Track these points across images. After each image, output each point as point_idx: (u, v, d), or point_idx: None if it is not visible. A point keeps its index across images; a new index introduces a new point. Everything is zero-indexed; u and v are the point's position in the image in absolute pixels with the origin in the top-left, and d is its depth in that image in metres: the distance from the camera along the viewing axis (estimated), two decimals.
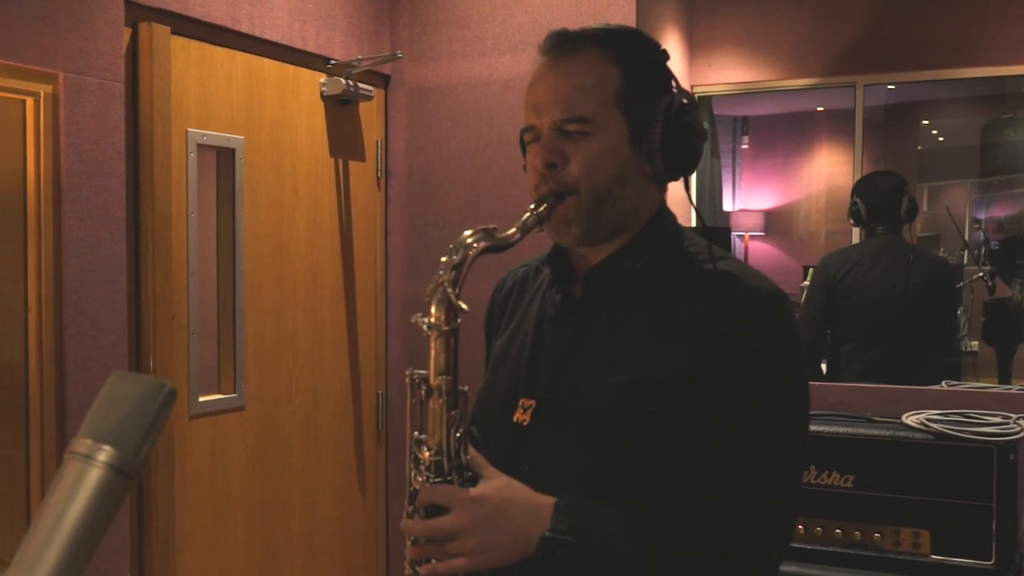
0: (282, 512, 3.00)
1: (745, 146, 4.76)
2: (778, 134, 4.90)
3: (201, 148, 2.70)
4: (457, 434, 1.24)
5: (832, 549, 2.40)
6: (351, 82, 3.11)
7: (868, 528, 2.37)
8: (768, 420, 1.28)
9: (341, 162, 3.23)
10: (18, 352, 2.29)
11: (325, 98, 3.12)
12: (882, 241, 3.31)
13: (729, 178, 4.64)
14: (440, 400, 1.24)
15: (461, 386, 1.26)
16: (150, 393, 0.83)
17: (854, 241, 3.69)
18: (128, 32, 2.48)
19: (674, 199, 1.45)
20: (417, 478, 1.26)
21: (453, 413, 1.24)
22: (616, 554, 1.22)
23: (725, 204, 4.60)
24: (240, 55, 2.82)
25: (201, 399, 2.71)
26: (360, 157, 3.31)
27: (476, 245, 1.26)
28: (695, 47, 3.86)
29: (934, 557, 2.32)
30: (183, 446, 2.65)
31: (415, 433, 1.28)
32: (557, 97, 1.33)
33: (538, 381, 1.38)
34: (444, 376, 1.24)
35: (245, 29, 2.80)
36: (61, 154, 2.30)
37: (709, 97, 3.84)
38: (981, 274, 3.58)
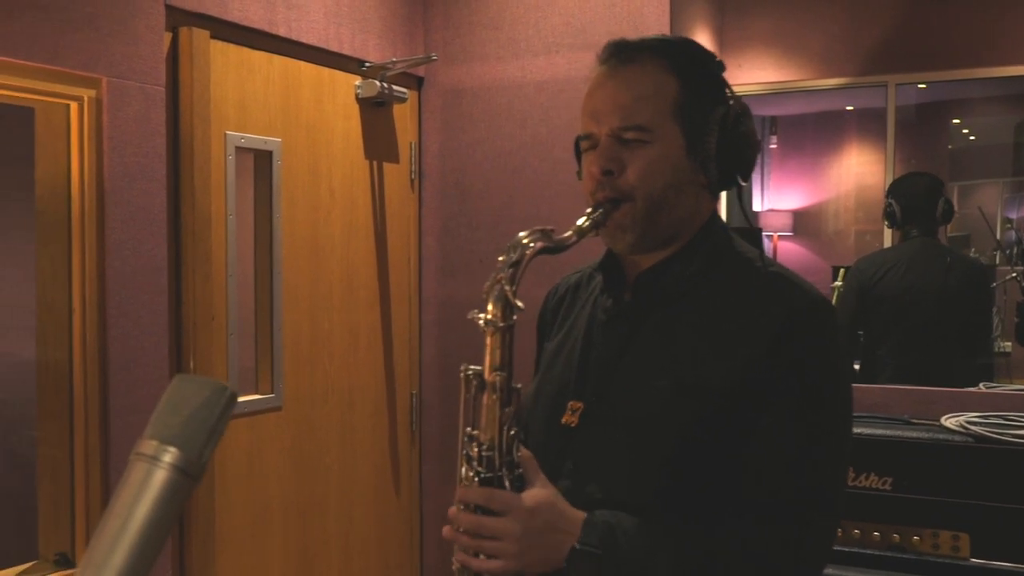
0: (318, 512, 3.03)
1: (773, 146, 4.75)
2: (807, 134, 4.89)
3: (239, 151, 2.72)
4: (511, 432, 1.26)
5: (870, 551, 2.40)
6: (385, 84, 3.13)
7: (907, 531, 2.37)
8: (812, 427, 1.28)
9: (375, 164, 3.24)
10: (63, 352, 2.32)
11: (360, 100, 3.14)
12: (917, 244, 3.30)
13: (757, 178, 4.64)
14: (494, 396, 1.26)
15: (515, 383, 1.27)
16: (212, 396, 0.84)
17: (886, 241, 3.67)
18: (168, 37, 2.50)
19: None
20: (468, 473, 1.28)
21: (507, 410, 1.26)
22: (645, 569, 1.23)
23: (754, 204, 4.59)
24: (277, 58, 2.84)
25: (239, 399, 2.74)
26: (394, 159, 3.33)
27: (533, 245, 1.27)
28: (725, 47, 3.86)
29: (974, 560, 2.31)
30: (222, 446, 2.67)
31: (467, 429, 1.29)
32: (616, 105, 1.35)
33: (587, 384, 1.40)
34: (499, 372, 1.26)
35: (282, 33, 2.82)
36: (104, 157, 2.32)
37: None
38: (1014, 275, 3.56)
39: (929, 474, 2.35)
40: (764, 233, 4.47)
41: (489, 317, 1.26)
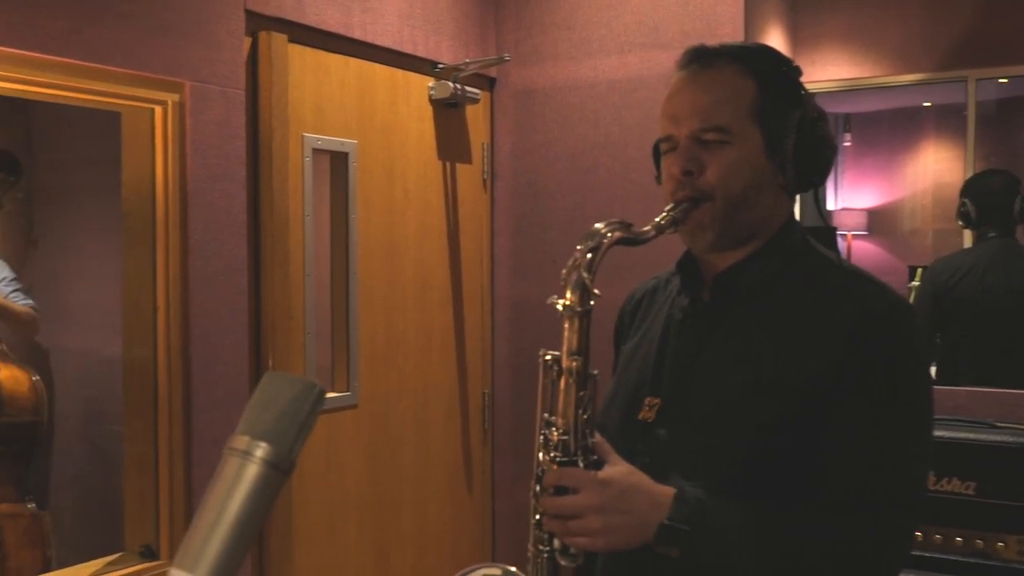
0: (393, 509, 3.06)
1: (847, 143, 4.68)
2: (882, 131, 4.81)
3: (316, 152, 2.76)
4: (584, 416, 1.28)
5: (952, 557, 2.35)
6: (458, 85, 3.15)
7: (991, 537, 2.32)
8: (891, 426, 1.28)
9: (448, 165, 3.27)
10: (147, 351, 2.38)
11: (433, 102, 3.17)
12: (995, 245, 3.21)
13: (831, 176, 4.57)
14: (570, 380, 1.28)
15: (591, 369, 1.29)
16: (302, 393, 0.86)
17: (966, 241, 3.59)
18: (248, 41, 2.55)
19: None
20: (544, 458, 1.30)
21: (582, 394, 1.28)
22: (733, 547, 1.25)
23: (828, 203, 4.53)
24: (353, 61, 2.88)
25: None
26: (467, 159, 3.35)
27: (611, 235, 1.30)
28: (799, 44, 3.81)
29: None
30: None
31: (544, 414, 1.31)
32: (695, 108, 1.37)
33: (664, 381, 1.42)
34: (576, 356, 1.28)
35: (358, 36, 2.85)
36: (187, 160, 2.38)
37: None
38: None
39: (1014, 478, 2.30)
40: (838, 232, 4.40)
41: (567, 303, 1.28)
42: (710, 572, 1.27)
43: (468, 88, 3.20)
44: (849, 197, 4.72)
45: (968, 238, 3.54)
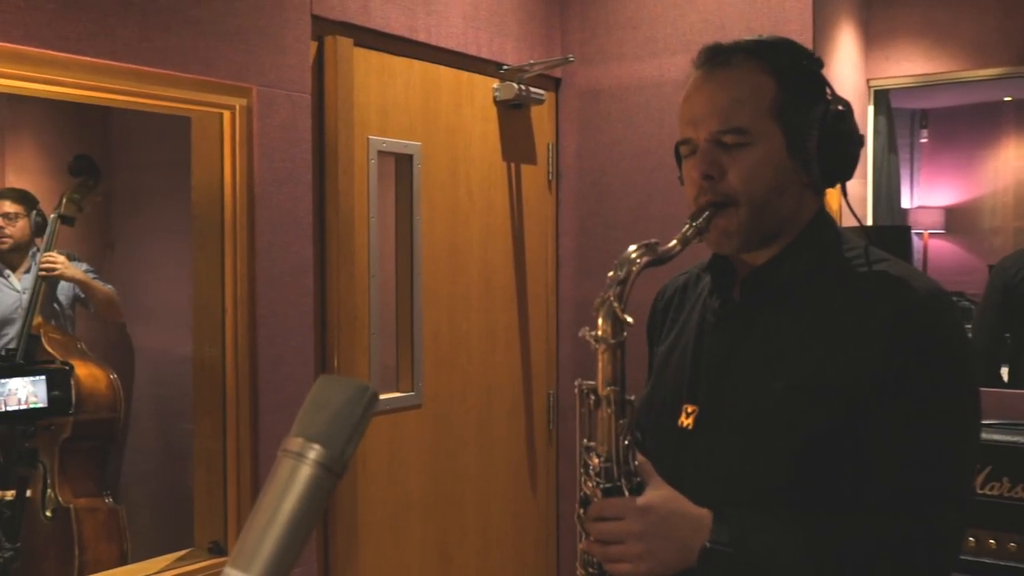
0: (456, 508, 3.08)
1: (924, 140, 4.57)
2: (960, 127, 4.68)
3: (381, 154, 2.79)
4: (625, 442, 1.28)
5: (1005, 563, 2.29)
6: (523, 86, 3.15)
7: None
8: (934, 424, 1.26)
9: (513, 166, 3.28)
10: (216, 350, 2.43)
11: (498, 103, 3.18)
12: None
13: (907, 174, 4.47)
14: (609, 410, 1.28)
15: (628, 396, 1.29)
16: (355, 396, 0.87)
17: None
18: (314, 46, 2.59)
19: (855, 198, 1.42)
20: (587, 483, 1.31)
21: (621, 422, 1.28)
22: (777, 565, 1.23)
23: (903, 201, 4.43)
24: (417, 63, 2.90)
25: (381, 397, 2.80)
26: (532, 160, 3.35)
27: (639, 260, 1.30)
28: (871, 40, 3.73)
29: None
30: (364, 442, 2.73)
31: (584, 440, 1.32)
32: (713, 109, 1.34)
33: (700, 386, 1.41)
34: (612, 387, 1.28)
35: (422, 38, 2.88)
36: (254, 163, 2.42)
37: (886, 91, 3.71)
38: None
39: None
40: (913, 231, 4.31)
41: (600, 334, 1.28)
42: None
43: (533, 89, 3.20)
44: (926, 195, 4.61)
45: None
